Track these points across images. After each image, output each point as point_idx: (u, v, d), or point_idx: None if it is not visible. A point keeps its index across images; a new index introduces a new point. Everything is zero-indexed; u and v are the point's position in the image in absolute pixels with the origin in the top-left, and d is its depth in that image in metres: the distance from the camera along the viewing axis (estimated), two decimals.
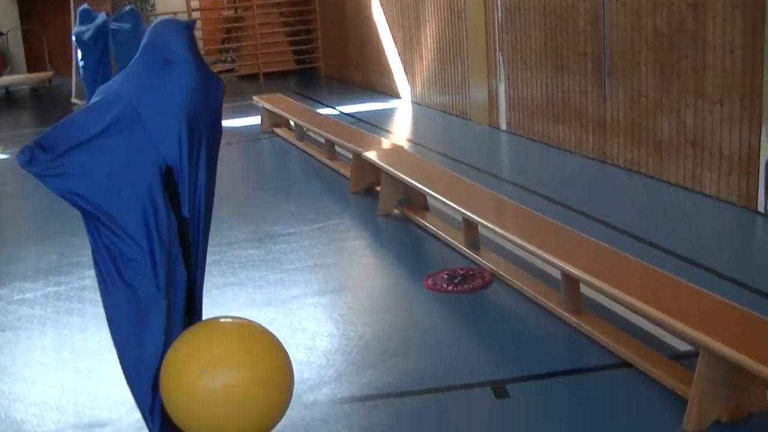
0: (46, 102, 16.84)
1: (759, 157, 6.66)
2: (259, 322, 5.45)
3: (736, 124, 6.86)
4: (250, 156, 10.96)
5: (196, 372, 3.72)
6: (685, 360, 4.52)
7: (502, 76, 10.52)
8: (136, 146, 3.78)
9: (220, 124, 4.08)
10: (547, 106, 9.62)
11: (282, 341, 5.16)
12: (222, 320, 4.10)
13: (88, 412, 4.56)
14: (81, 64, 13.06)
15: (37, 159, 3.64)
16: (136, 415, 4.30)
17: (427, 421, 4.31)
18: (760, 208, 6.72)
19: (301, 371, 4.51)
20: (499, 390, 4.52)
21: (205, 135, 3.90)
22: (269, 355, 3.88)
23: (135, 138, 3.77)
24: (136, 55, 3.91)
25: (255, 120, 12.28)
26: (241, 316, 4.56)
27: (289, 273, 6.43)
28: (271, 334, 3.99)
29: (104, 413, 4.53)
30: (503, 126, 10.65)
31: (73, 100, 15.66)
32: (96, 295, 5.90)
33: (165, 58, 3.81)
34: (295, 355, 5.00)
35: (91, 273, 6.31)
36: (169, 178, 3.84)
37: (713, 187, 7.20)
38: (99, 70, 12.77)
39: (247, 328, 4.03)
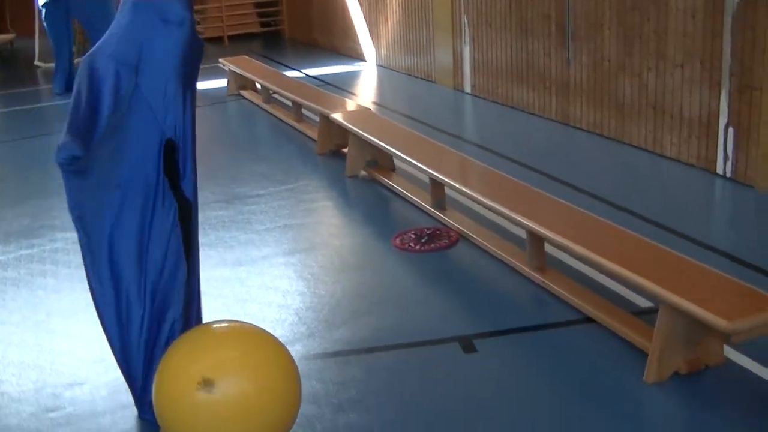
0: (8, 65, 16.65)
1: (718, 121, 6.81)
2: (232, 281, 5.60)
3: (697, 87, 7.00)
4: (216, 118, 10.95)
5: (192, 383, 3.40)
6: (645, 316, 4.68)
7: (467, 39, 10.59)
8: (139, 121, 3.60)
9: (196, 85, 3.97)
10: (512, 68, 9.72)
11: (254, 300, 5.31)
12: (216, 326, 3.85)
13: (66, 371, 4.63)
14: (45, 23, 12.93)
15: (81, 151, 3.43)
16: (113, 374, 4.37)
17: (398, 376, 4.43)
18: (719, 170, 6.88)
19: (273, 329, 4.60)
20: (467, 345, 4.66)
21: (190, 101, 3.76)
22: (274, 362, 3.61)
23: (136, 111, 3.59)
24: (125, 14, 3.64)
25: (220, 83, 12.26)
26: (237, 317, 4.54)
27: (259, 233, 6.51)
28: (274, 338, 3.77)
29: (82, 372, 4.60)
30: (468, 89, 10.74)
31: (36, 62, 15.53)
32: (68, 257, 6.02)
33: (164, 19, 3.59)
34: (268, 314, 5.13)
35: (64, 236, 6.43)
36: (168, 153, 3.67)
37: (674, 150, 7.35)
38: (65, 28, 12.66)
39: (248, 332, 3.77)
